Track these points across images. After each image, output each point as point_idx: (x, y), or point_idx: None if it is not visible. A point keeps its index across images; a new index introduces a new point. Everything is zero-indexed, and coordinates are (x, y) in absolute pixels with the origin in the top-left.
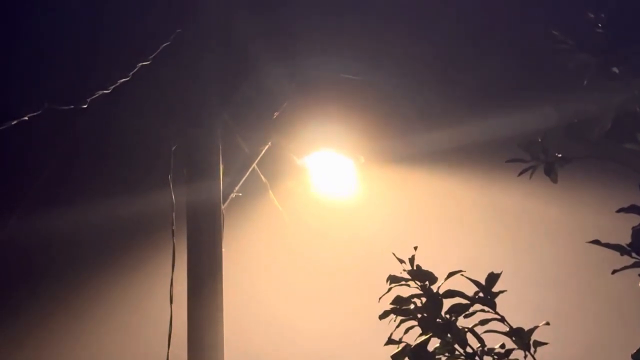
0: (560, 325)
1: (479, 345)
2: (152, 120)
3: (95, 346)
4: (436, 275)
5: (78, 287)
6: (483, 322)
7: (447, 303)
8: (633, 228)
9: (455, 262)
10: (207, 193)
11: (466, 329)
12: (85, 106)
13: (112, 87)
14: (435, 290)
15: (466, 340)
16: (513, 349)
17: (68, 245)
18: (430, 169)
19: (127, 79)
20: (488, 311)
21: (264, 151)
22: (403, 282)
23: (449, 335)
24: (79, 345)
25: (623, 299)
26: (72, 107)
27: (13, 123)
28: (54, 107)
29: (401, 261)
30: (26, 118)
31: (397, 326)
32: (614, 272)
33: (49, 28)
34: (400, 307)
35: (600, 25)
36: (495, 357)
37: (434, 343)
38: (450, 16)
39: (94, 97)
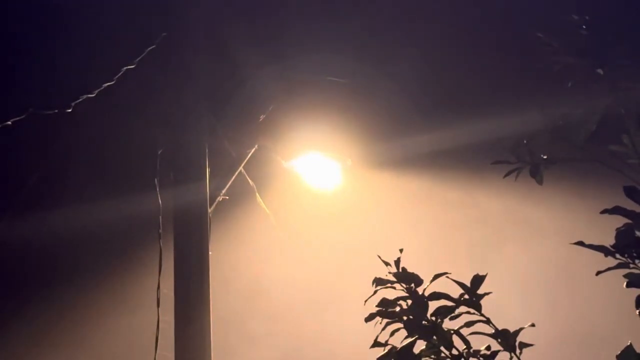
0: (546, 326)
1: (465, 347)
2: (138, 123)
3: (83, 348)
4: (423, 277)
5: (64, 290)
6: (469, 324)
7: (433, 305)
8: (617, 229)
9: (441, 264)
10: (193, 196)
11: (452, 331)
12: (69, 110)
13: (97, 91)
14: (420, 293)
15: (452, 342)
16: (499, 351)
17: (54, 249)
18: (416, 172)
19: (112, 82)
20: (474, 313)
21: (250, 154)
22: (389, 285)
23: (434, 337)
24: (67, 348)
25: (608, 300)
26: (57, 111)
27: None
28: (38, 112)
29: (387, 264)
30: (9, 123)
31: (383, 329)
32: (597, 273)
33: (33, 32)
34: (386, 309)
35: (584, 27)
36: (481, 358)
37: (420, 345)
38: (437, 19)
39: (78, 101)
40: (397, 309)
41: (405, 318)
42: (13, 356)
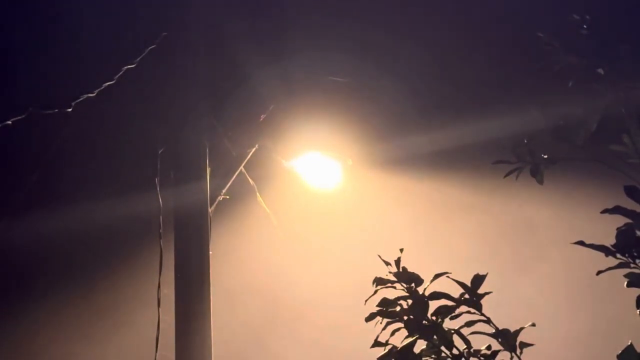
0: (547, 326)
1: (465, 346)
2: (138, 123)
3: (84, 348)
4: (423, 277)
5: (65, 290)
6: (469, 324)
7: (434, 305)
8: (617, 229)
9: (441, 264)
10: (194, 196)
11: (452, 331)
12: (70, 110)
13: (97, 90)
14: (421, 292)
15: (452, 342)
16: (499, 350)
17: (55, 249)
18: (417, 172)
19: (113, 82)
20: (474, 313)
21: (251, 154)
22: (389, 284)
23: (435, 337)
24: (68, 347)
25: (609, 299)
26: (57, 111)
27: None
28: (38, 111)
29: (387, 263)
30: (9, 122)
31: (384, 328)
32: (598, 273)
33: (33, 31)
34: (386, 309)
35: (585, 27)
36: (482, 358)
37: (420, 345)
38: (438, 18)
39: (79, 100)
40: (398, 308)
41: (405, 318)
42: (11, 353)
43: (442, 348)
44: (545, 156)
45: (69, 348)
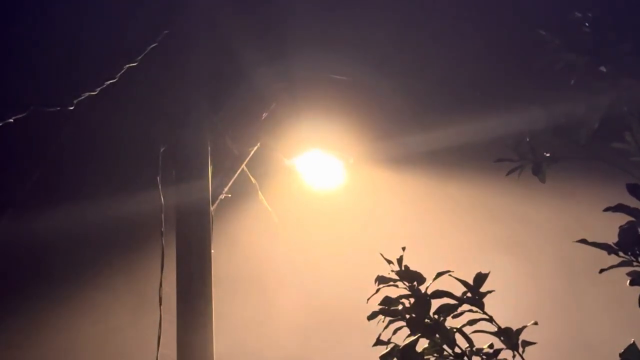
0: (550, 325)
1: (468, 345)
2: (140, 121)
3: (86, 346)
4: (425, 275)
5: (67, 288)
6: (471, 322)
7: (436, 303)
8: (620, 227)
9: (444, 262)
10: (196, 194)
11: (454, 329)
12: (71, 108)
13: (98, 88)
14: (423, 291)
15: (454, 340)
16: (501, 349)
17: (57, 247)
18: (419, 170)
19: (114, 80)
20: (476, 311)
21: (252, 152)
22: (391, 283)
23: (437, 335)
24: (69, 346)
25: (612, 298)
26: (59, 109)
27: None
28: (40, 109)
29: (389, 262)
30: (11, 120)
31: (386, 327)
32: (601, 271)
33: (34, 29)
34: (388, 307)
35: (587, 24)
36: (484, 357)
37: (423, 343)
38: (439, 16)
39: (80, 98)
40: (400, 307)
41: (407, 316)
42: (11, 353)
43: (444, 347)
44: (547, 154)
45: (69, 346)
